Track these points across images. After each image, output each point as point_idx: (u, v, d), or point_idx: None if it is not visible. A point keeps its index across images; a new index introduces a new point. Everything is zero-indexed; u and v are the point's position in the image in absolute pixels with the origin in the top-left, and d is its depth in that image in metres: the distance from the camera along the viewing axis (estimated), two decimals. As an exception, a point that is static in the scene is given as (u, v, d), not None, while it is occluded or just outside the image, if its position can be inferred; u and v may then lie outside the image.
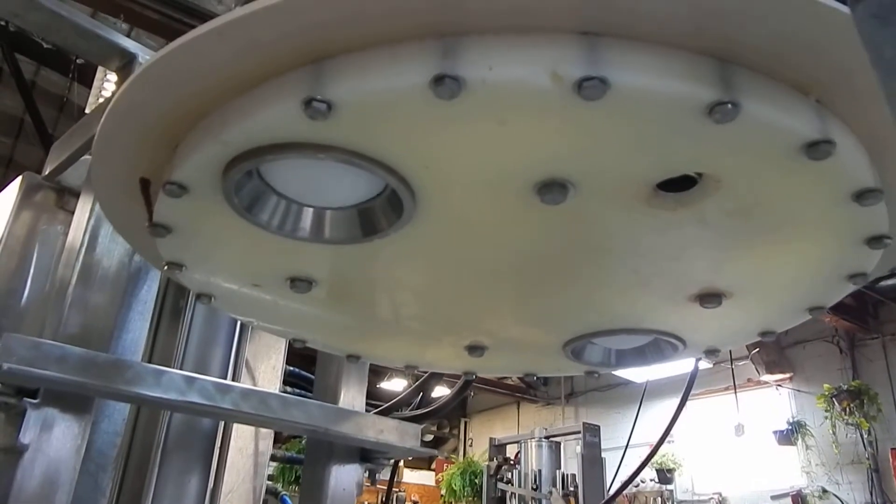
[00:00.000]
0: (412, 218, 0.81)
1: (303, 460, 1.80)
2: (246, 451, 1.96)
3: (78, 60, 6.32)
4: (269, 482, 2.03)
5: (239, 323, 1.74)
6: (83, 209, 1.49)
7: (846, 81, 0.67)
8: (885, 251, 0.90)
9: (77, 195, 1.70)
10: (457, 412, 18.18)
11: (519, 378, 15.39)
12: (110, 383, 1.18)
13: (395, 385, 14.25)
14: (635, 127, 0.65)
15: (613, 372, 12.59)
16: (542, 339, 1.24)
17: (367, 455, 1.61)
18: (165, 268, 0.99)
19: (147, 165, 0.85)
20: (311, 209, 0.85)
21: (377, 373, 11.65)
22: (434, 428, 18.19)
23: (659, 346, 1.25)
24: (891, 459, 8.76)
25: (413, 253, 0.93)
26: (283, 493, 2.07)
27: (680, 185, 0.76)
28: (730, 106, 0.61)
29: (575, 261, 0.93)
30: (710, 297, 0.99)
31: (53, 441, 1.23)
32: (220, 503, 1.74)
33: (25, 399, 1.18)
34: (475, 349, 1.25)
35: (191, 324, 1.64)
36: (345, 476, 1.60)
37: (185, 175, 0.76)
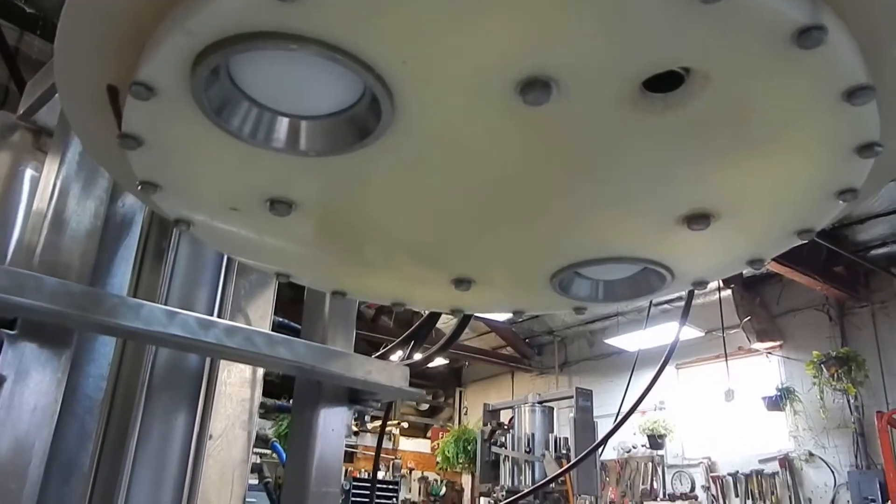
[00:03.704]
0: (391, 125, 0.79)
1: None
2: (237, 398, 1.95)
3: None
4: (260, 430, 2.03)
5: (224, 266, 1.72)
6: (57, 149, 1.46)
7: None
8: (873, 173, 0.89)
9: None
10: (452, 382, 18.35)
11: (513, 348, 15.51)
12: (88, 313, 1.16)
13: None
14: (618, 10, 0.62)
15: (606, 341, 12.65)
16: (528, 271, 1.22)
17: (355, 397, 1.61)
18: (139, 187, 0.96)
19: (114, 71, 0.82)
20: (284, 118, 0.82)
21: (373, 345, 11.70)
22: (430, 397, 18.36)
23: (647, 277, 1.24)
24: (876, 423, 8.88)
25: (394, 170, 0.91)
26: (274, 440, 2.07)
27: (667, 87, 0.74)
28: (718, -16, 0.58)
29: (560, 178, 0.91)
30: (697, 219, 0.97)
31: (33, 374, 1.21)
32: (209, 447, 1.74)
33: (2, 329, 1.16)
34: (462, 282, 1.24)
35: (174, 266, 1.62)
36: (333, 417, 1.59)
37: (152, 74, 0.73)
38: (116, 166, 1.03)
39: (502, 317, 13.27)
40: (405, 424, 16.88)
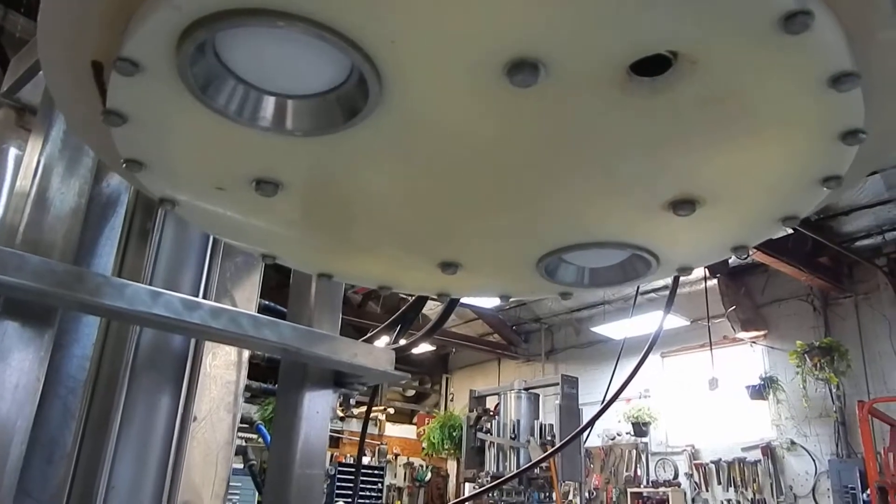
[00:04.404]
0: (379, 105, 0.78)
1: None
2: (222, 380, 1.95)
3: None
4: (245, 412, 2.02)
5: (209, 248, 1.71)
6: (41, 128, 1.45)
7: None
8: (856, 161, 0.89)
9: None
10: (439, 368, 18.40)
11: (500, 335, 15.56)
12: (71, 292, 1.16)
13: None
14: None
15: (593, 329, 12.68)
16: (515, 255, 1.22)
17: (341, 380, 1.61)
18: (124, 165, 0.96)
19: (99, 47, 0.81)
20: (271, 96, 0.82)
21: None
22: (416, 384, 18.42)
23: (632, 263, 1.24)
24: (857, 412, 9.00)
25: (381, 151, 0.90)
26: (259, 422, 2.07)
27: (655, 71, 0.74)
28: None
29: (547, 162, 0.91)
30: (683, 204, 0.97)
31: (15, 352, 1.20)
32: (193, 428, 1.74)
33: (-16, 308, 1.15)
34: (448, 266, 1.24)
35: (158, 248, 1.61)
36: (318, 400, 1.60)
37: (137, 49, 0.72)
38: (101, 144, 1.02)
39: (489, 304, 13.31)
40: (391, 410, 16.93)
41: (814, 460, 10.97)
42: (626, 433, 13.22)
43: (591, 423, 2.18)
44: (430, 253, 1.22)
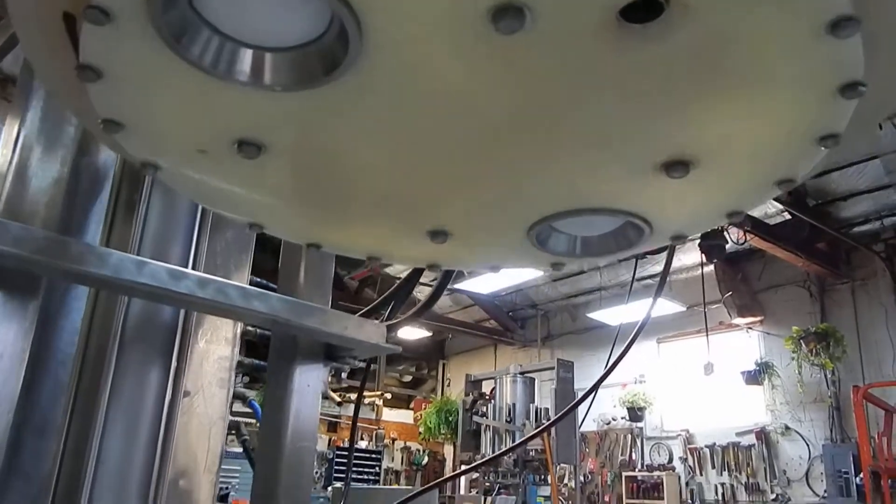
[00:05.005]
0: (359, 57, 0.76)
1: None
2: (214, 355, 1.93)
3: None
4: (239, 387, 2.01)
5: (198, 222, 1.68)
6: (22, 96, 1.41)
7: None
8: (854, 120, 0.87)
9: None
10: (435, 354, 18.45)
11: (496, 321, 15.57)
12: (53, 259, 1.13)
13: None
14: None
15: (589, 315, 12.72)
16: (505, 223, 1.20)
17: (332, 353, 1.59)
18: (101, 126, 0.93)
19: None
20: (248, 49, 0.79)
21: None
22: (413, 369, 18.47)
23: (625, 231, 1.22)
24: (852, 397, 9.04)
25: (364, 109, 0.88)
26: (252, 398, 2.06)
27: (646, 18, 0.71)
28: None
29: (535, 119, 0.88)
30: (675, 165, 0.95)
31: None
32: (185, 403, 1.72)
33: (-35, 278, 1.13)
34: (437, 234, 1.21)
35: (146, 220, 1.58)
36: (309, 373, 1.58)
37: (108, -4, 0.69)
38: (80, 107, 0.99)
39: (486, 290, 13.31)
40: (388, 395, 16.99)
41: (808, 445, 11.05)
42: (622, 418, 13.29)
43: (582, 399, 2.17)
44: (419, 220, 1.19)
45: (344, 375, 1.62)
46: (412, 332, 14.78)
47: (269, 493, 1.54)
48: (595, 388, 2.38)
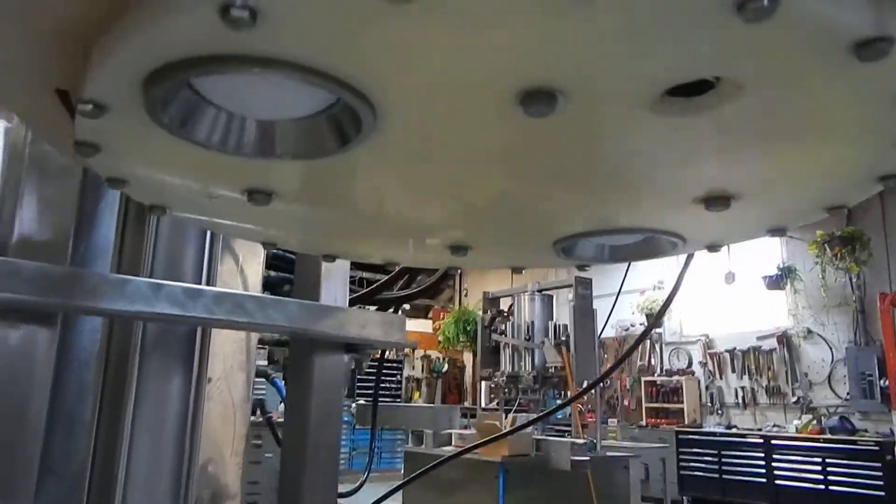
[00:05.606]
0: (374, 131, 0.69)
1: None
2: (234, 338, 1.93)
3: None
4: (261, 365, 2.03)
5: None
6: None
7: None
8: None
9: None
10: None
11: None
12: (70, 299, 1.11)
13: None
14: (640, 26, 0.51)
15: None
16: (529, 241, 1.15)
17: (351, 346, 1.58)
18: (105, 183, 0.88)
19: (60, 75, 0.71)
20: (255, 122, 0.72)
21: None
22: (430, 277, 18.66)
23: (657, 241, 1.16)
24: (878, 304, 9.00)
25: (378, 165, 0.81)
26: (275, 376, 2.08)
27: (692, 87, 0.63)
28: (766, 2, 0.47)
29: (565, 168, 0.82)
30: (717, 200, 0.88)
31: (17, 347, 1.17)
32: (209, 389, 1.74)
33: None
34: (458, 249, 1.17)
35: (159, 218, 1.54)
36: (330, 366, 1.58)
37: (100, 92, 0.63)
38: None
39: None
40: (407, 306, 17.28)
41: (830, 348, 11.12)
42: (640, 324, 13.44)
43: (612, 370, 2.16)
44: (440, 238, 1.15)
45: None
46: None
47: (295, 488, 1.57)
48: (614, 367, 2.37)
